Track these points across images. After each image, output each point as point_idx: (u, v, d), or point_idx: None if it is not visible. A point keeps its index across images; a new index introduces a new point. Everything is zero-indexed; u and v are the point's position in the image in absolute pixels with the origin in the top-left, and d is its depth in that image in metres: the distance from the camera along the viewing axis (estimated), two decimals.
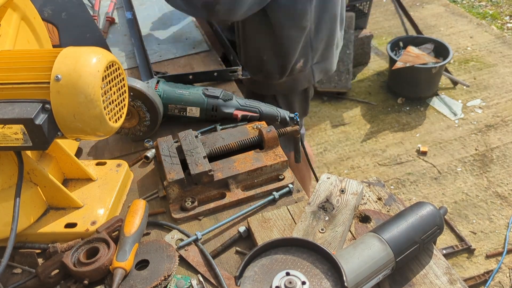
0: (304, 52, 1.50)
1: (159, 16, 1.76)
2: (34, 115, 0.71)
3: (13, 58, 0.78)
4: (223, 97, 1.17)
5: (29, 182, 0.90)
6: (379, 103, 3.21)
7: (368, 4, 3.36)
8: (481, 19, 4.06)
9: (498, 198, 2.47)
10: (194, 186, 0.98)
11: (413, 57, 3.05)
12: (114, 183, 1.00)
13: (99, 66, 0.75)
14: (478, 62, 3.50)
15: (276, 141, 1.05)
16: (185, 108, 1.16)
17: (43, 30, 0.99)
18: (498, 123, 2.94)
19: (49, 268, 0.80)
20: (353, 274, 0.73)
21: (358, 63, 3.52)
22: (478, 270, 2.13)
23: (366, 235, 0.80)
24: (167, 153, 1.02)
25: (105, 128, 0.78)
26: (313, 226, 0.86)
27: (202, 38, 1.62)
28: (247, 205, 0.98)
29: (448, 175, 2.63)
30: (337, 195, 0.92)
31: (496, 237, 2.27)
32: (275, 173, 1.03)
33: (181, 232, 0.92)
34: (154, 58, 1.51)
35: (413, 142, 2.87)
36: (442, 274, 0.79)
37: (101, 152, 1.17)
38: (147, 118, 1.12)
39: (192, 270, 0.85)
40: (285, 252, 0.77)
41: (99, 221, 0.91)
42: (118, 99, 0.82)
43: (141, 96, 1.09)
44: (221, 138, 1.09)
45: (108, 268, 0.80)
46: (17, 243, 0.90)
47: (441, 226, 0.83)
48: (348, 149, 2.87)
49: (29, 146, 0.74)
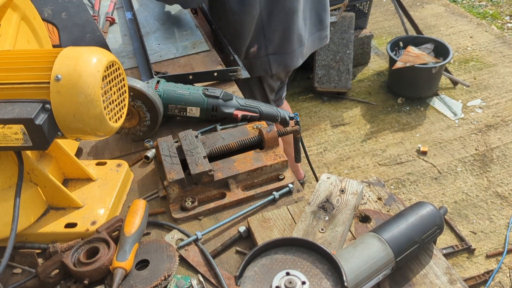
0: (257, 38, 1.61)
1: (159, 16, 1.76)
2: (34, 115, 0.71)
3: (13, 58, 0.78)
4: (223, 97, 1.17)
5: (29, 182, 0.90)
6: (379, 103, 3.21)
7: (368, 4, 3.36)
8: (481, 19, 4.06)
9: (498, 198, 2.47)
10: (194, 186, 0.98)
11: (413, 57, 3.05)
12: (114, 183, 1.00)
13: (99, 66, 0.75)
14: (478, 62, 3.50)
15: (276, 141, 1.05)
16: (185, 108, 1.16)
17: (43, 30, 0.99)
18: (498, 123, 2.94)
19: (49, 268, 0.80)
20: (353, 274, 0.74)
21: (358, 63, 3.52)
22: (478, 270, 2.13)
23: (366, 235, 0.80)
24: (167, 153, 1.02)
25: (105, 128, 0.78)
26: (313, 226, 0.86)
27: (202, 38, 1.62)
28: (247, 205, 0.98)
29: (448, 175, 2.63)
30: (337, 195, 0.92)
31: (496, 237, 2.27)
32: (275, 173, 1.03)
33: (181, 232, 0.92)
34: (154, 58, 1.51)
35: (413, 142, 2.87)
36: (442, 274, 0.79)
37: (101, 152, 1.17)
38: (147, 118, 1.12)
39: (192, 270, 0.85)
40: (285, 252, 0.77)
41: (99, 221, 0.91)
42: (118, 99, 0.82)
43: (141, 96, 1.09)
44: (221, 138, 1.09)
45: (108, 268, 0.80)
46: (17, 243, 0.90)
47: (441, 226, 0.83)
48: (348, 149, 2.87)
49: (29, 146, 0.74)
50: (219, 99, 1.17)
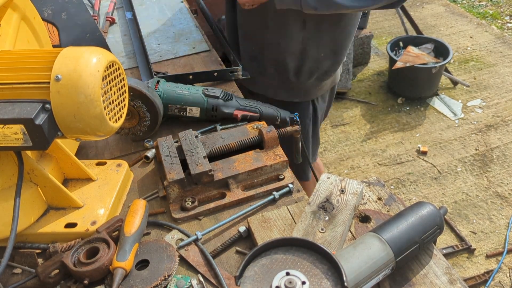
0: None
1: (159, 16, 1.76)
2: (34, 115, 0.71)
3: (13, 58, 0.78)
4: (223, 97, 1.17)
5: (29, 182, 0.90)
6: (379, 103, 3.21)
7: None
8: (481, 19, 4.06)
9: (498, 198, 2.47)
10: (194, 186, 0.98)
11: (413, 57, 3.05)
12: (114, 183, 1.00)
13: (99, 66, 0.75)
14: (478, 62, 3.50)
15: (276, 141, 1.05)
16: (185, 108, 1.16)
17: (43, 30, 0.99)
18: (498, 123, 2.94)
19: (49, 268, 0.80)
20: (353, 274, 0.74)
21: (358, 63, 3.52)
22: (478, 270, 2.13)
23: (366, 235, 0.80)
24: (167, 153, 1.02)
25: (105, 128, 0.78)
26: (313, 226, 0.86)
27: (202, 38, 1.62)
28: (247, 205, 0.98)
29: (448, 175, 2.63)
30: (337, 195, 0.92)
31: (496, 237, 2.27)
32: (275, 173, 1.03)
33: (181, 232, 0.92)
34: (154, 58, 1.51)
35: (413, 142, 2.87)
36: (442, 274, 0.79)
37: (101, 152, 1.17)
38: (147, 118, 1.12)
39: (192, 270, 0.85)
40: (285, 252, 0.77)
41: (99, 221, 0.91)
42: (118, 99, 0.82)
43: (141, 96, 1.09)
44: (221, 138, 1.09)
45: (108, 268, 0.80)
46: (17, 243, 0.90)
47: (441, 226, 0.83)
48: (348, 149, 2.87)
49: (29, 146, 0.74)
50: (219, 99, 1.17)
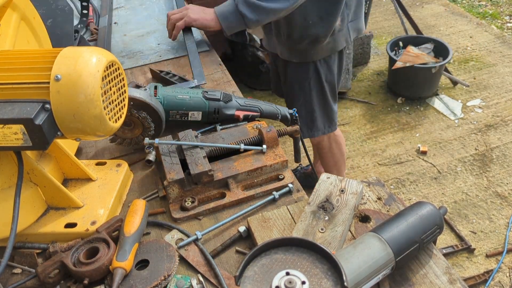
0: (342, 11, 1.59)
1: (159, 16, 1.76)
2: (34, 115, 0.71)
3: (13, 58, 0.78)
4: (224, 99, 1.16)
5: (29, 182, 0.90)
6: (379, 103, 3.21)
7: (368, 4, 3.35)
8: (481, 18, 4.06)
9: (498, 197, 2.47)
10: (194, 186, 0.98)
11: (413, 57, 3.05)
12: (114, 183, 1.00)
13: (99, 66, 0.75)
14: (478, 62, 3.50)
15: (276, 141, 1.05)
16: (186, 113, 1.14)
17: (43, 30, 0.99)
18: (498, 123, 2.94)
19: (49, 268, 0.80)
20: (353, 273, 0.74)
21: (358, 63, 3.52)
22: (478, 270, 2.13)
23: (366, 235, 0.80)
24: (167, 153, 1.02)
25: (105, 128, 0.78)
26: (313, 226, 0.86)
27: (202, 38, 1.62)
28: (247, 205, 0.98)
29: (448, 175, 2.63)
30: (337, 194, 0.92)
31: (496, 236, 2.27)
32: (275, 173, 1.03)
33: (181, 232, 0.92)
34: (154, 58, 1.51)
35: (413, 142, 2.87)
36: (442, 274, 0.79)
37: (101, 152, 1.16)
38: (152, 128, 1.09)
39: (192, 270, 0.85)
40: (285, 252, 0.77)
41: (99, 221, 0.91)
42: (118, 99, 0.82)
43: (146, 107, 1.06)
44: (221, 138, 1.09)
45: (108, 268, 0.80)
46: (17, 243, 0.90)
47: (441, 226, 0.83)
48: (348, 149, 2.87)
49: (29, 146, 0.74)
50: (220, 101, 1.15)
